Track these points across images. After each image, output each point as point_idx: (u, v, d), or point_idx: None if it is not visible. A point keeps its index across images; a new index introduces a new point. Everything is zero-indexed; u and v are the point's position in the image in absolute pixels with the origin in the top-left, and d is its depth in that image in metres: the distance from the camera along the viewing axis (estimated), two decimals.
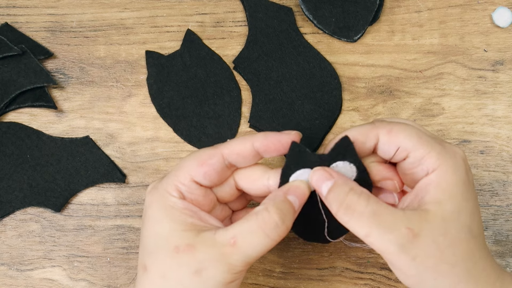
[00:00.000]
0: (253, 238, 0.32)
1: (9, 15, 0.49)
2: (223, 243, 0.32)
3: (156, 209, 0.34)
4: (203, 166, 0.34)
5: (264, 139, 0.35)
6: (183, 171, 0.35)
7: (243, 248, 0.32)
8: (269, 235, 0.32)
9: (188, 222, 0.33)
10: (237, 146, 0.35)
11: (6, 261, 0.45)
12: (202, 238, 0.33)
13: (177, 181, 0.35)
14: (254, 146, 0.35)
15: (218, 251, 0.32)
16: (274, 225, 0.32)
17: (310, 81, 0.47)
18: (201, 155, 0.35)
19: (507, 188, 0.46)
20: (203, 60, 0.48)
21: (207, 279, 0.32)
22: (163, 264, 0.33)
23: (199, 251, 0.32)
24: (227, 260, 0.32)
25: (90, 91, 0.48)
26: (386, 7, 0.49)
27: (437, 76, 0.47)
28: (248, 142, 0.35)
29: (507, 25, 0.48)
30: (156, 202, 0.34)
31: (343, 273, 0.45)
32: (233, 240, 0.32)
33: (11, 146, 0.46)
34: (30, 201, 0.45)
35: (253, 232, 0.32)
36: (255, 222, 0.32)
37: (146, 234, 0.34)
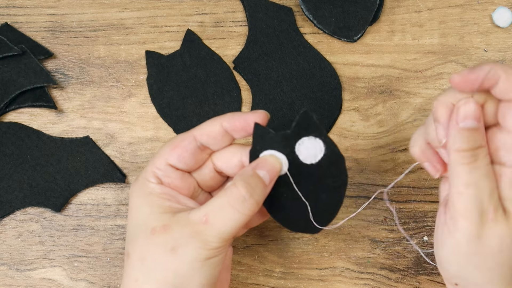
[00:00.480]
0: (224, 214, 0.33)
1: (9, 15, 0.49)
2: (195, 221, 0.33)
3: (136, 197, 0.35)
4: (176, 148, 0.35)
5: (231, 118, 0.35)
6: (159, 156, 0.36)
7: (215, 224, 0.33)
8: (239, 209, 0.33)
9: (166, 205, 0.34)
10: (207, 127, 0.35)
11: (6, 261, 0.45)
12: (177, 218, 0.33)
13: (154, 167, 0.35)
14: (222, 126, 0.35)
15: (191, 229, 0.33)
16: (242, 199, 0.32)
17: (310, 81, 0.47)
18: (174, 139, 0.36)
19: None
20: (203, 60, 0.48)
21: (183, 255, 0.32)
22: (142, 247, 0.33)
23: (174, 230, 0.33)
24: (201, 237, 0.32)
25: (90, 91, 0.48)
26: (386, 7, 0.49)
27: (437, 76, 0.47)
28: (217, 122, 0.35)
29: (507, 25, 0.48)
30: (136, 190, 0.35)
31: (343, 273, 0.45)
32: (205, 217, 0.33)
33: (11, 146, 0.46)
34: (30, 201, 0.45)
35: (223, 207, 0.33)
36: (224, 198, 0.33)
37: (128, 223, 0.35)
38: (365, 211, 0.45)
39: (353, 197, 0.46)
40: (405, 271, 0.45)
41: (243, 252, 0.45)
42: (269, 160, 0.34)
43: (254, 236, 0.45)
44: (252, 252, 0.45)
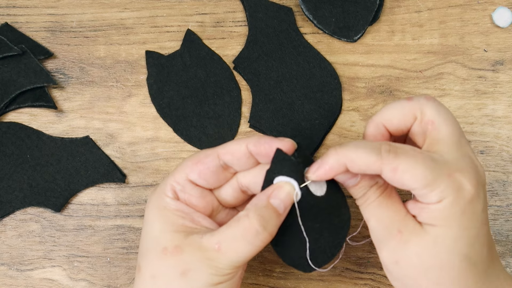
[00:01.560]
0: (236, 245, 0.32)
1: (9, 15, 0.49)
2: (208, 247, 0.32)
3: (151, 210, 0.35)
4: (198, 164, 0.35)
5: (257, 142, 0.34)
6: (179, 170, 0.35)
7: (227, 254, 0.32)
8: (252, 242, 0.32)
9: (179, 223, 0.34)
10: (232, 147, 0.35)
11: (6, 261, 0.45)
12: (190, 240, 0.33)
13: (173, 180, 0.35)
14: (247, 148, 0.35)
15: (203, 255, 0.32)
16: (255, 233, 0.32)
17: (310, 81, 0.47)
18: (197, 154, 0.35)
19: (507, 188, 0.46)
20: (203, 60, 0.48)
21: (194, 280, 0.32)
22: (153, 264, 0.33)
23: (185, 253, 0.33)
24: (213, 263, 0.32)
25: (90, 91, 0.48)
26: (386, 7, 0.49)
27: (437, 76, 0.47)
28: (242, 143, 0.35)
29: (507, 25, 0.48)
30: (152, 203, 0.35)
31: (343, 273, 0.45)
32: (217, 245, 0.32)
33: (11, 146, 0.46)
34: (30, 201, 0.45)
35: (236, 239, 0.32)
36: (237, 229, 0.32)
37: (142, 235, 0.35)
38: None
39: None
40: None
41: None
42: (285, 188, 0.34)
43: None
44: None
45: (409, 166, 0.31)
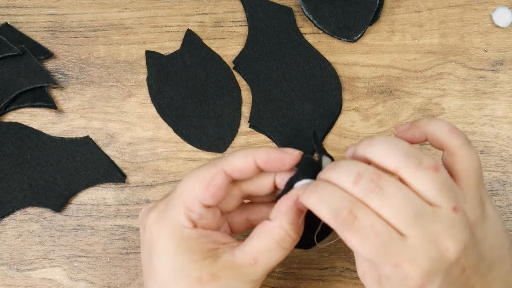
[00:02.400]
0: (273, 255, 0.33)
1: (9, 15, 0.49)
2: (244, 264, 0.33)
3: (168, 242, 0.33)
4: (209, 188, 0.33)
5: (266, 156, 0.33)
6: (189, 196, 0.33)
7: (264, 265, 0.33)
8: (287, 248, 0.33)
9: (205, 249, 0.33)
10: (239, 163, 0.34)
11: (6, 261, 0.45)
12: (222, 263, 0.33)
13: (186, 209, 0.33)
14: (256, 162, 0.34)
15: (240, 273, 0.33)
16: (292, 241, 0.33)
17: (310, 81, 0.47)
18: (204, 176, 0.33)
19: (507, 188, 0.46)
20: (203, 60, 0.48)
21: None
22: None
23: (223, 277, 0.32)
24: (251, 278, 0.33)
25: (90, 91, 0.48)
26: (386, 7, 0.49)
27: (437, 76, 0.47)
28: (250, 157, 0.34)
29: (507, 25, 0.48)
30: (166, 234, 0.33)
31: (343, 273, 0.44)
32: (254, 260, 0.33)
33: (11, 146, 0.46)
34: (30, 201, 0.45)
35: (272, 250, 0.33)
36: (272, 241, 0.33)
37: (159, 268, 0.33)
38: None
39: None
40: None
41: None
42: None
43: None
44: None
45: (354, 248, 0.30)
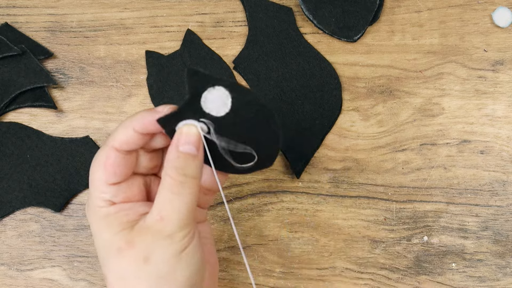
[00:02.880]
0: (172, 205, 0.33)
1: (9, 15, 0.49)
2: (152, 223, 0.33)
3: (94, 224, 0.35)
4: (107, 168, 0.34)
5: (141, 123, 0.34)
6: (96, 180, 0.35)
7: (170, 217, 0.33)
8: (182, 193, 0.33)
9: (124, 221, 0.34)
10: (122, 136, 0.34)
11: (6, 261, 0.45)
12: (137, 229, 0.33)
13: (98, 192, 0.35)
14: (135, 131, 0.34)
15: (153, 233, 0.33)
16: (180, 184, 0.33)
17: (310, 81, 0.47)
18: (99, 158, 0.35)
19: (507, 188, 0.46)
20: (203, 60, 0.48)
21: (157, 260, 0.32)
22: (115, 267, 0.33)
23: (137, 242, 0.33)
24: (164, 234, 0.33)
25: (90, 91, 0.48)
26: (386, 7, 0.49)
27: (437, 76, 0.47)
28: (129, 128, 0.34)
29: (507, 25, 0.48)
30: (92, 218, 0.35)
31: (343, 273, 0.45)
32: (159, 216, 0.33)
33: (11, 146, 0.46)
34: (30, 201, 0.45)
35: (169, 199, 0.33)
36: (165, 191, 0.33)
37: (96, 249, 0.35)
38: (365, 211, 0.45)
39: (353, 197, 0.46)
40: (405, 271, 0.45)
41: (244, 252, 0.45)
42: (185, 131, 0.34)
43: (254, 236, 0.45)
44: (252, 252, 0.45)
45: None
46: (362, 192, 0.46)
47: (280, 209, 0.46)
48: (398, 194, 0.46)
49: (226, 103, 0.34)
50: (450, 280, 0.45)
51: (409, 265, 0.45)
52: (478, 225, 0.45)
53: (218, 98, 0.34)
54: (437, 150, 0.46)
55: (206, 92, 0.33)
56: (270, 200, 0.46)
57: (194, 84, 0.33)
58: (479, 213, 0.45)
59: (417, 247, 0.45)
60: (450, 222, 0.45)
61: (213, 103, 0.34)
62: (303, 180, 0.46)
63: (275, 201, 0.46)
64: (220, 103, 0.34)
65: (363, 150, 0.46)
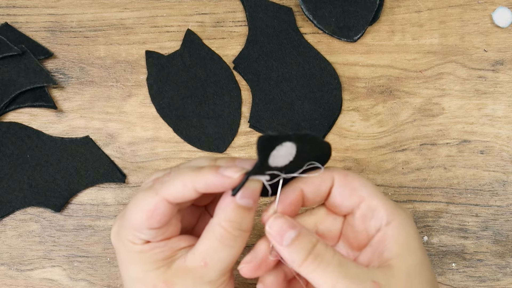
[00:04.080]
0: (220, 254, 0.32)
1: (9, 15, 0.49)
2: (195, 267, 0.32)
3: (124, 254, 0.34)
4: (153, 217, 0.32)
5: (205, 184, 0.32)
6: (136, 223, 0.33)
7: (215, 266, 0.32)
8: (233, 245, 0.32)
9: (159, 259, 0.33)
10: (180, 192, 0.32)
11: (6, 261, 0.45)
12: (175, 269, 0.33)
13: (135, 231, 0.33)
14: (195, 188, 0.32)
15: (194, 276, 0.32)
16: (233, 238, 0.32)
17: (310, 81, 0.47)
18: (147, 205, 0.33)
19: (507, 188, 0.46)
20: (203, 60, 0.48)
21: None
22: None
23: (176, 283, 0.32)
24: (205, 279, 0.32)
25: (90, 91, 0.48)
26: (386, 7, 0.49)
27: (437, 76, 0.47)
28: (189, 186, 0.32)
29: (507, 25, 0.48)
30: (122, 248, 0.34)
31: None
32: (203, 262, 0.32)
33: (11, 146, 0.46)
34: (30, 201, 0.45)
35: (217, 249, 0.32)
36: (215, 240, 0.32)
37: (123, 276, 0.34)
38: None
39: None
40: None
41: (243, 252, 0.45)
42: (248, 185, 0.32)
43: (254, 236, 0.45)
44: None
45: (357, 175, 0.33)
46: None
47: None
48: (398, 194, 0.46)
49: (292, 153, 0.34)
50: (450, 280, 0.45)
51: None
52: (478, 225, 0.45)
53: (285, 152, 0.33)
54: (437, 150, 0.46)
55: (274, 151, 0.33)
56: (271, 200, 0.46)
57: (265, 151, 0.32)
58: (479, 213, 0.45)
59: None
60: (450, 222, 0.45)
61: (280, 158, 0.33)
62: None
63: None
64: (286, 154, 0.33)
65: (363, 150, 0.46)
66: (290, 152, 0.34)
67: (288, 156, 0.34)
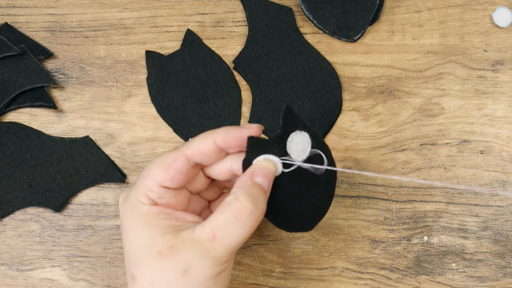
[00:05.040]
0: (231, 229, 0.32)
1: (9, 15, 0.49)
2: (203, 239, 0.32)
3: (131, 219, 0.34)
4: (169, 171, 0.34)
5: (226, 135, 0.34)
6: (150, 178, 0.34)
7: (223, 240, 0.32)
8: (246, 223, 0.32)
9: (166, 225, 0.33)
10: (199, 146, 0.34)
11: (6, 261, 0.45)
12: (182, 238, 0.33)
13: (145, 189, 0.34)
14: (216, 144, 0.34)
15: (199, 248, 0.32)
16: (249, 213, 0.32)
17: (310, 81, 0.47)
18: (165, 159, 0.34)
19: (507, 188, 0.46)
20: (203, 60, 0.48)
21: (196, 276, 0.32)
22: (150, 271, 0.33)
23: (181, 251, 0.32)
24: (211, 254, 0.32)
25: (90, 91, 0.48)
26: (386, 7, 0.49)
27: (437, 76, 0.47)
28: (209, 139, 0.34)
29: (507, 25, 0.48)
30: (129, 212, 0.34)
31: (343, 273, 0.45)
32: (212, 234, 0.32)
33: (11, 146, 0.46)
34: (30, 201, 0.45)
35: (230, 223, 0.32)
36: (229, 214, 0.32)
37: (127, 245, 0.34)
38: (365, 211, 0.45)
39: (353, 197, 0.46)
40: (405, 271, 0.45)
41: (243, 252, 0.45)
42: (264, 164, 0.34)
43: (254, 236, 0.45)
44: (252, 252, 0.45)
45: None
46: (362, 192, 0.46)
47: None
48: (398, 194, 0.46)
49: (306, 150, 0.35)
50: (450, 280, 0.45)
51: (409, 265, 0.45)
52: (478, 225, 0.45)
53: (302, 143, 0.34)
54: (437, 150, 0.46)
55: (293, 134, 0.34)
56: None
57: (288, 122, 0.34)
58: (479, 213, 0.45)
59: (417, 247, 0.45)
60: (450, 222, 0.45)
61: (296, 145, 0.34)
62: None
63: None
64: (302, 148, 0.34)
65: (363, 150, 0.46)
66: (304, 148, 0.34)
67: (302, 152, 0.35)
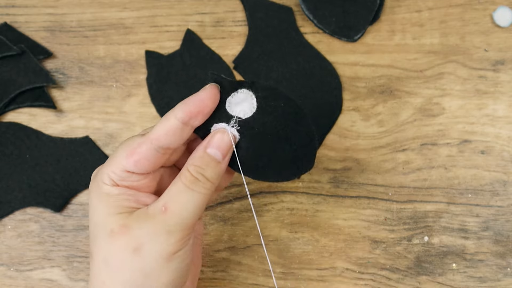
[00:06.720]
0: (182, 197, 0.32)
1: (8, 14, 0.49)
2: (155, 213, 0.32)
3: (93, 197, 0.34)
4: (133, 155, 0.33)
5: (183, 105, 0.34)
6: (115, 161, 0.34)
7: (175, 210, 0.32)
8: (195, 189, 0.32)
9: (124, 205, 0.33)
10: (161, 126, 0.33)
11: (5, 261, 0.45)
12: (135, 215, 0.32)
13: (109, 170, 0.34)
14: (177, 119, 0.33)
15: (152, 223, 0.32)
16: (195, 181, 0.32)
17: (310, 81, 0.47)
18: (131, 143, 0.34)
19: (507, 188, 0.45)
20: (203, 60, 0.48)
21: (147, 254, 0.31)
22: (103, 248, 0.32)
23: (133, 228, 0.32)
24: (164, 228, 0.32)
25: (89, 91, 0.48)
26: (387, 6, 0.49)
27: (437, 76, 0.47)
28: (170, 117, 0.33)
29: (507, 24, 0.48)
30: (93, 190, 0.34)
31: (343, 274, 0.44)
32: (163, 207, 0.32)
33: (11, 146, 0.46)
34: (30, 201, 0.45)
35: (180, 191, 0.32)
36: (178, 182, 0.32)
37: (90, 222, 0.34)
38: (366, 211, 0.45)
39: (353, 197, 0.45)
40: (406, 271, 0.44)
41: (243, 252, 0.45)
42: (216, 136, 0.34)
43: (254, 236, 0.45)
44: (252, 252, 0.45)
45: None
46: (362, 192, 0.46)
47: (280, 209, 0.45)
48: (398, 194, 0.46)
49: (252, 103, 0.34)
50: (450, 280, 0.44)
51: (410, 265, 0.45)
52: (479, 225, 0.45)
53: (243, 100, 0.34)
54: (438, 150, 0.46)
55: (229, 97, 0.34)
56: (270, 200, 0.46)
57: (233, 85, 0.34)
58: (479, 213, 0.45)
59: (418, 247, 0.45)
60: (451, 222, 0.45)
61: (238, 106, 0.34)
62: (303, 180, 0.46)
63: (275, 201, 0.46)
64: (246, 105, 0.34)
65: (364, 150, 0.46)
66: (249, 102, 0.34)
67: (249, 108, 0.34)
